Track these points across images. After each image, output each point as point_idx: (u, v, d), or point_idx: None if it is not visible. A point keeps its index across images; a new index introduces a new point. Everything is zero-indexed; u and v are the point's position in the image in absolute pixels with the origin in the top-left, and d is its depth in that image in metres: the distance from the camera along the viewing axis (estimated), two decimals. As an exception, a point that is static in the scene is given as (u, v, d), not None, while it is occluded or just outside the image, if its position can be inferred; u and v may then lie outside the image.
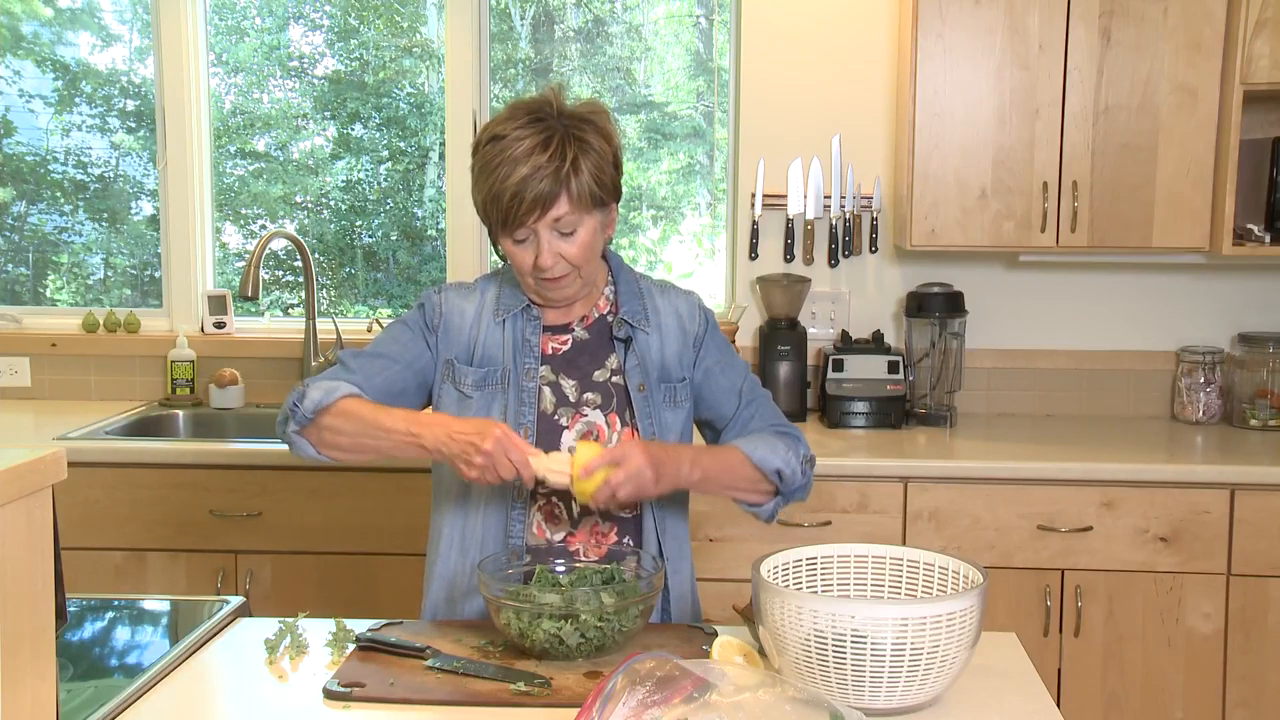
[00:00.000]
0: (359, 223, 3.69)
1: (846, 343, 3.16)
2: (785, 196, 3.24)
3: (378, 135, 3.66)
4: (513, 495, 1.80)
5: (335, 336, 3.33)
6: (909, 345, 3.18)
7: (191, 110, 3.41)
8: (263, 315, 3.56)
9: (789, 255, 3.26)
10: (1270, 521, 2.66)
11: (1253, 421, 3.11)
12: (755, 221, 3.26)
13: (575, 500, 1.67)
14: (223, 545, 2.77)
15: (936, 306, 3.12)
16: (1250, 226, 2.98)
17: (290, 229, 3.57)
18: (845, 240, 3.24)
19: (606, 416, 1.82)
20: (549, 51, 3.68)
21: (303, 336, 3.34)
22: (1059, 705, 2.03)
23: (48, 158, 3.64)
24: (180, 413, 3.26)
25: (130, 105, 3.64)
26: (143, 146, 3.61)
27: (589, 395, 1.83)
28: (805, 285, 3.18)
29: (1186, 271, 3.25)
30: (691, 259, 3.70)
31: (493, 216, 1.75)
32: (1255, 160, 2.99)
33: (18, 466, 1.09)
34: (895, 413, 3.06)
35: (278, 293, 3.75)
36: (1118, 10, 2.83)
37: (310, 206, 3.72)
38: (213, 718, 1.50)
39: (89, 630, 1.75)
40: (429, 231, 3.67)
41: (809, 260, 3.26)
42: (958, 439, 3.00)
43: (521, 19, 3.64)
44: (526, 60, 3.67)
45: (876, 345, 3.12)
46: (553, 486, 1.66)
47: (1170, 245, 2.91)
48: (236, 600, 1.81)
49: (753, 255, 3.27)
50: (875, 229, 3.24)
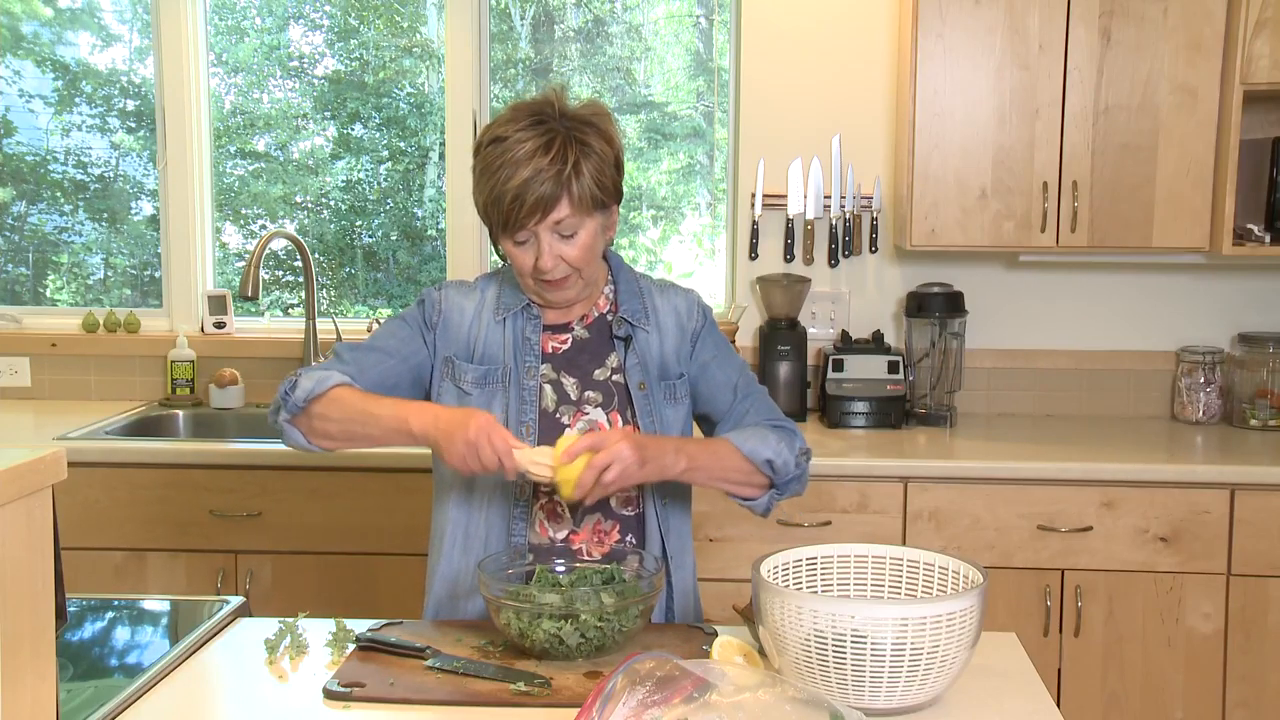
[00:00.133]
0: (359, 223, 3.69)
1: (846, 343, 3.16)
2: (785, 196, 3.24)
3: (378, 135, 3.66)
4: (515, 494, 1.79)
5: (335, 336, 3.33)
6: (909, 345, 3.18)
7: (191, 110, 3.41)
8: (263, 315, 3.56)
9: (789, 255, 3.26)
10: (1270, 521, 2.66)
11: (1253, 421, 3.11)
12: (755, 221, 3.26)
13: (559, 495, 1.65)
14: (223, 545, 2.77)
15: (936, 306, 3.12)
16: (1250, 226, 2.98)
17: (290, 229, 3.57)
18: (845, 240, 3.24)
19: (608, 415, 1.82)
20: (549, 51, 3.68)
21: (303, 336, 3.34)
22: (1059, 705, 2.03)
23: (48, 158, 3.64)
24: (180, 413, 3.26)
25: (130, 105, 3.63)
26: (143, 146, 3.61)
27: (590, 394, 1.83)
28: (805, 285, 3.18)
29: (1186, 271, 3.25)
30: (691, 259, 3.70)
31: (493, 218, 1.75)
32: (1255, 160, 2.99)
33: (18, 466, 1.09)
34: (895, 413, 3.06)
35: (278, 293, 3.75)
36: (1118, 10, 2.83)
37: (310, 206, 3.72)
38: (213, 718, 1.50)
39: (89, 630, 1.75)
40: (429, 231, 3.67)
41: (809, 260, 3.26)
42: (958, 439, 3.00)
43: (521, 19, 3.64)
44: (526, 60, 3.67)
45: (876, 345, 3.12)
46: (534, 479, 1.64)
47: (1170, 245, 2.91)
48: (236, 600, 1.81)
49: (753, 255, 3.27)
50: (875, 229, 3.24)
